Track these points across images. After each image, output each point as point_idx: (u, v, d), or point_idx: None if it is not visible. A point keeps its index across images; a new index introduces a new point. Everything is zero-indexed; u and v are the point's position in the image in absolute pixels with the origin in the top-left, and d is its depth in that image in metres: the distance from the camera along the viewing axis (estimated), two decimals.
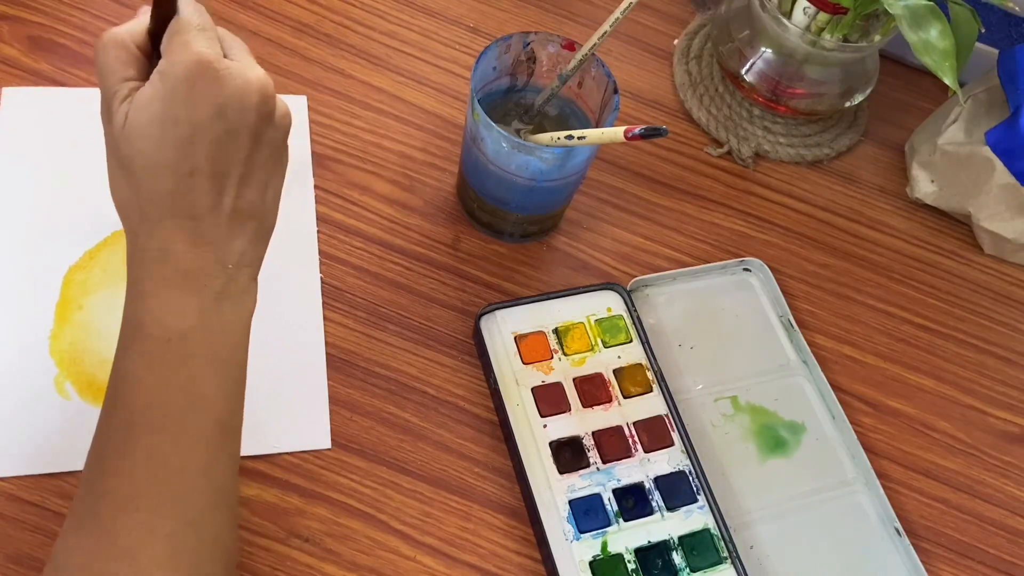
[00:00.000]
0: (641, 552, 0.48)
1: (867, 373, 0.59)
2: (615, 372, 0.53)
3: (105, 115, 0.38)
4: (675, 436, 0.51)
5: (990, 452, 0.58)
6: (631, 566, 0.48)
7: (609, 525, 0.48)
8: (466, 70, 0.65)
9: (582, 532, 0.48)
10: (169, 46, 0.37)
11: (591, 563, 0.47)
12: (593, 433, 0.51)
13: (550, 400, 0.51)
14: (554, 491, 0.49)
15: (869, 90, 0.67)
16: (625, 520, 0.49)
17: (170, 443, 0.36)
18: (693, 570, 0.48)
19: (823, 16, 0.60)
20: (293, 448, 0.49)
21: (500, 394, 0.51)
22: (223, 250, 0.38)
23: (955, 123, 0.64)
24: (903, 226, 0.66)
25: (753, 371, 0.57)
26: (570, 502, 0.48)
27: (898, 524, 0.53)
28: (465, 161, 0.56)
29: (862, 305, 0.62)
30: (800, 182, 0.67)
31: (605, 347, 0.54)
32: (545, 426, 0.51)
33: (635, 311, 0.55)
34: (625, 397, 0.52)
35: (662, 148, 0.65)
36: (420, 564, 0.48)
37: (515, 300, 0.55)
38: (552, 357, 0.53)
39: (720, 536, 0.49)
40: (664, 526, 0.49)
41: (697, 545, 0.49)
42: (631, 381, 0.53)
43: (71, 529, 0.36)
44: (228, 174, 0.37)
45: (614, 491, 0.49)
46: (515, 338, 0.53)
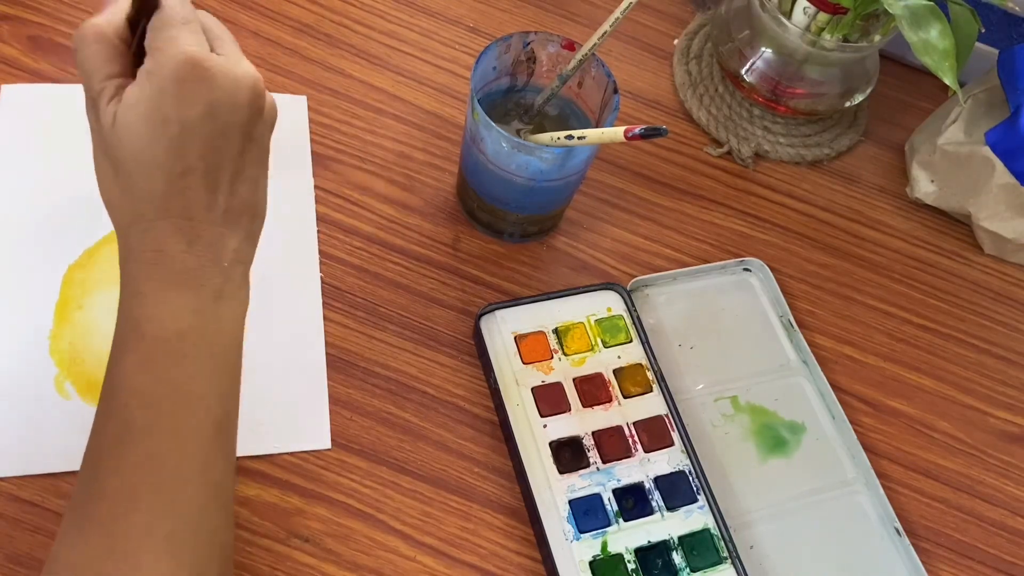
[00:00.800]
0: (641, 552, 0.48)
1: (867, 373, 0.59)
2: (615, 372, 0.53)
3: (91, 113, 0.37)
4: (675, 436, 0.51)
5: (990, 452, 0.58)
6: (631, 566, 0.48)
7: (609, 525, 0.48)
8: (466, 70, 0.65)
9: (582, 532, 0.48)
10: (155, 42, 0.36)
11: (591, 563, 0.47)
12: (593, 433, 0.51)
13: (550, 400, 0.51)
14: (554, 491, 0.49)
15: (869, 90, 0.67)
16: (625, 520, 0.49)
17: (167, 443, 0.36)
18: (693, 570, 0.48)
19: (823, 16, 0.60)
20: (293, 448, 0.49)
21: (500, 394, 0.51)
22: (218, 249, 0.38)
23: (955, 123, 0.64)
24: (903, 226, 0.66)
25: (753, 371, 0.57)
26: (570, 502, 0.48)
27: (898, 524, 0.53)
28: (465, 161, 0.56)
29: (862, 305, 0.62)
30: (800, 182, 0.67)
31: (605, 347, 0.54)
32: (545, 426, 0.51)
33: (635, 311, 0.55)
34: (625, 397, 0.52)
35: (662, 148, 0.65)
36: (420, 564, 0.48)
37: (515, 300, 0.55)
38: (552, 357, 0.53)
39: (720, 536, 0.49)
40: (664, 526, 0.49)
41: (697, 545, 0.49)
42: (631, 381, 0.53)
43: (69, 530, 0.36)
44: (221, 172, 0.37)
45: (614, 491, 0.49)
46: (515, 338, 0.53)
